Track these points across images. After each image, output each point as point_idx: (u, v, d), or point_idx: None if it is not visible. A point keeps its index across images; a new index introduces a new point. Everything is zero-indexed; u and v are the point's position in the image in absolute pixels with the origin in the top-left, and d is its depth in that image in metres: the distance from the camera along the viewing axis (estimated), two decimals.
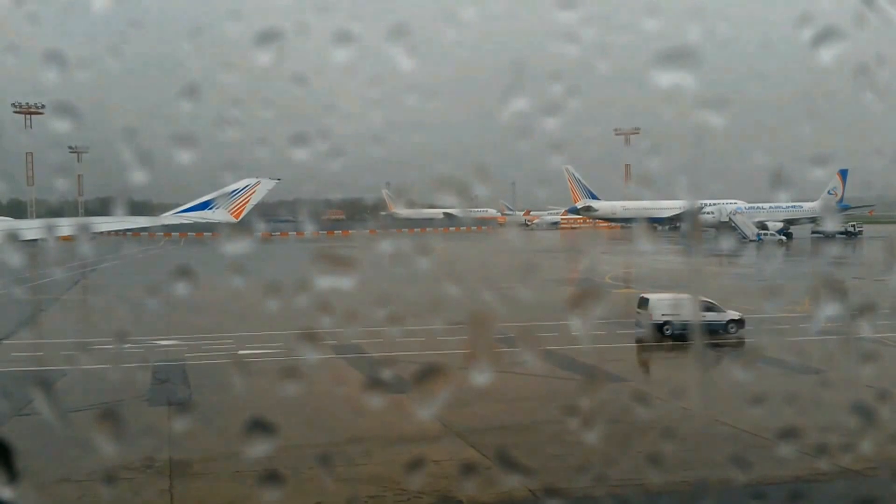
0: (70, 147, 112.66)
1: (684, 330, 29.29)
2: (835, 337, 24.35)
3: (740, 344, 29.33)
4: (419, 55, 8.29)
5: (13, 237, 15.17)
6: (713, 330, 29.55)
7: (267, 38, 8.11)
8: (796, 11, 8.73)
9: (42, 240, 19.10)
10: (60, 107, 8.83)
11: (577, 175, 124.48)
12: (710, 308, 29.61)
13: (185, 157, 9.05)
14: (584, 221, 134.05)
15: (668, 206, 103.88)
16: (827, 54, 8.15)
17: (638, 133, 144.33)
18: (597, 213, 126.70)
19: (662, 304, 30.39)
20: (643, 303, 31.32)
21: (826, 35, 8.20)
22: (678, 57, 8.15)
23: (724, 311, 30.15)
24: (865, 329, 16.38)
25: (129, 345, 27.16)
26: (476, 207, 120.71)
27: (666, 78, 7.98)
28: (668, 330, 29.85)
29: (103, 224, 25.10)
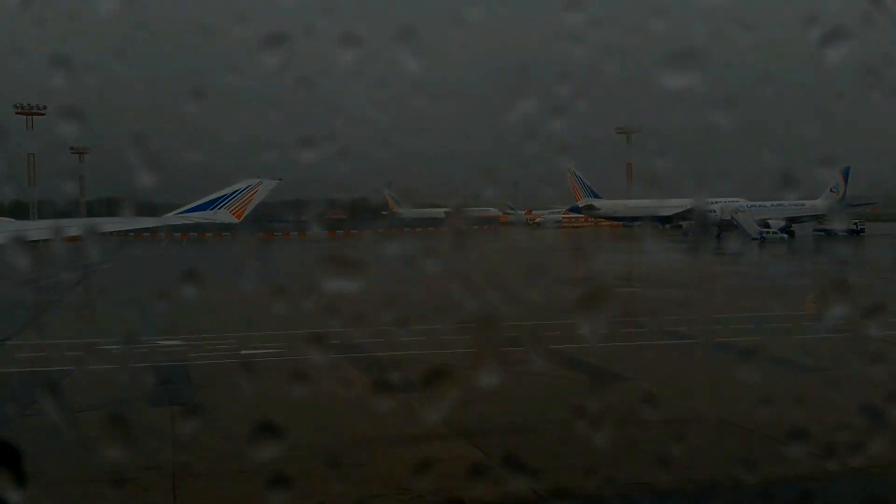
0: (71, 148, 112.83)
1: None
2: None
3: None
4: (426, 57, 8.28)
5: (18, 238, 15.20)
6: None
7: (273, 40, 8.10)
8: (803, 12, 8.71)
9: (46, 241, 19.10)
10: (65, 110, 8.81)
11: (578, 174, 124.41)
12: None
13: (191, 158, 9.05)
14: (586, 220, 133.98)
15: (671, 205, 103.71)
16: (834, 54, 8.13)
17: (639, 132, 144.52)
18: (599, 212, 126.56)
19: None
20: None
21: (833, 35, 8.18)
22: (685, 57, 8.12)
23: None
24: None
25: (132, 345, 27.19)
26: (477, 207, 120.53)
27: (673, 79, 7.96)
28: None
29: (108, 225, 25.13)
